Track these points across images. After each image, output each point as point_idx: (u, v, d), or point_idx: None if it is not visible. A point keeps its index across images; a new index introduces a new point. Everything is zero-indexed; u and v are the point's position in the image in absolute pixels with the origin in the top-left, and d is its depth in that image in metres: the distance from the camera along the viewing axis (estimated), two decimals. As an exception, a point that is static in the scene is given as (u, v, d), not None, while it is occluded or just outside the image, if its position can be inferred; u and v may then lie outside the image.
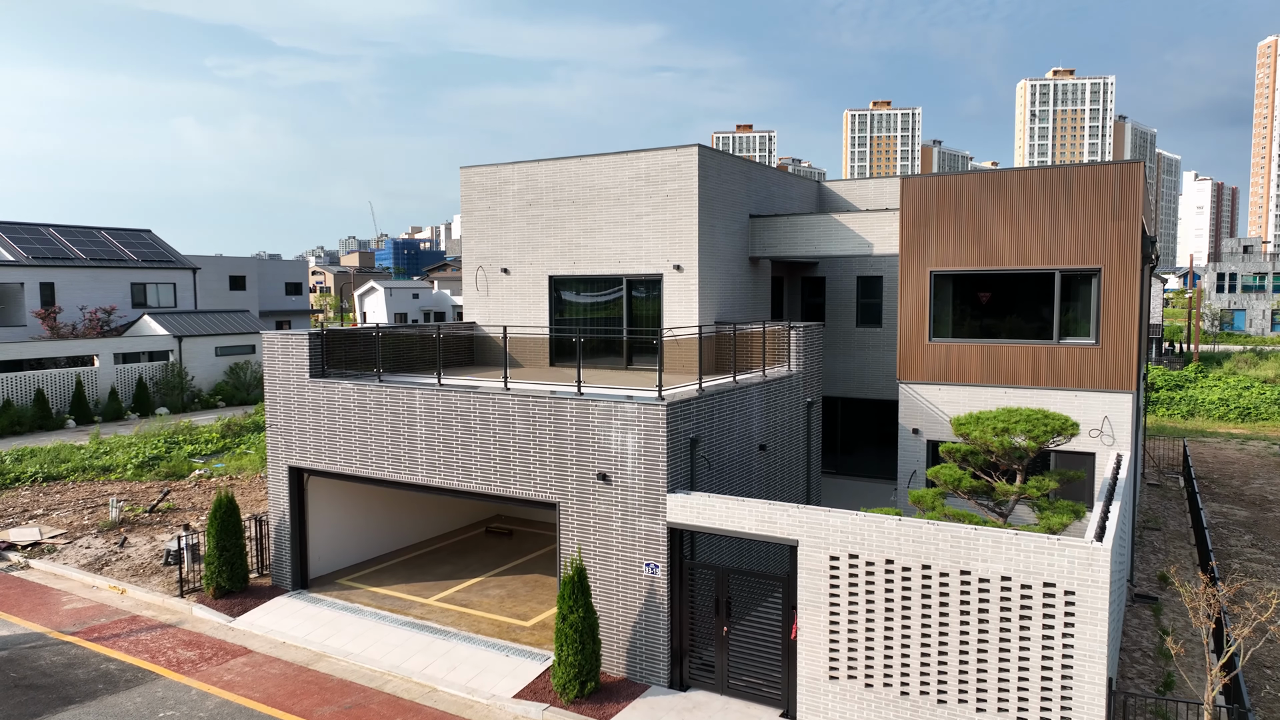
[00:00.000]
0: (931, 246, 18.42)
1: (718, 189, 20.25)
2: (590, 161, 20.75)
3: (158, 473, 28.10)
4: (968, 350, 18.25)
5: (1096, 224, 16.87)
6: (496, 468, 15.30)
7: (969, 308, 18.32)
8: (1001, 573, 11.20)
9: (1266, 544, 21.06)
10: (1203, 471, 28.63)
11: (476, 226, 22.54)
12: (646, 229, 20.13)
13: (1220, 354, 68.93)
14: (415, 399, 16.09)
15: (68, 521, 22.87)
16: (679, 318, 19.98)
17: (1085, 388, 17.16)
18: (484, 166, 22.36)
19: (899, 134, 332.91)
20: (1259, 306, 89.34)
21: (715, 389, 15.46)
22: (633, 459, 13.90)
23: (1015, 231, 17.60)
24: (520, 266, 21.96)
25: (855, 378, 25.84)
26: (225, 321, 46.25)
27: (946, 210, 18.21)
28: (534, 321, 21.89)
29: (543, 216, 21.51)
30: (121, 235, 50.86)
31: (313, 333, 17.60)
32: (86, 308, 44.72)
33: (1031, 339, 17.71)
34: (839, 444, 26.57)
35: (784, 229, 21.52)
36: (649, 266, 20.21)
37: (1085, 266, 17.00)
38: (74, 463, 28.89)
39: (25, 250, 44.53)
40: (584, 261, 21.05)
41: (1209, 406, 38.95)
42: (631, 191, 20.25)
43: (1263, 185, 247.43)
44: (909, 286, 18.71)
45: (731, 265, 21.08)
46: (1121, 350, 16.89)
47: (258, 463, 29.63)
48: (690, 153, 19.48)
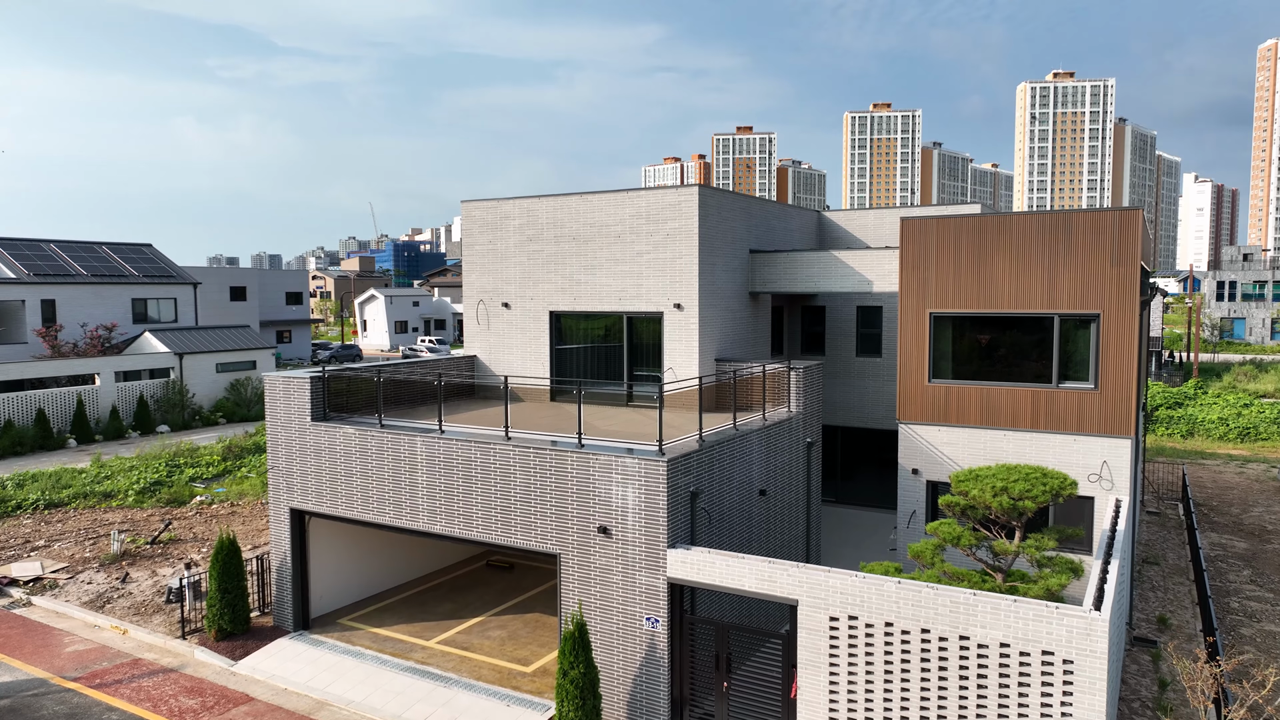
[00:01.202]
0: (931, 288, 18.47)
1: (718, 227, 20.32)
2: (591, 198, 20.81)
3: (159, 499, 28.15)
4: (967, 392, 18.30)
5: (1095, 269, 16.92)
6: (498, 517, 15.36)
7: (969, 349, 18.37)
8: (1000, 639, 11.26)
9: (1265, 579, 21.11)
10: (1202, 498, 28.68)
11: (477, 260, 22.59)
12: (647, 267, 20.18)
13: (1220, 365, 68.96)
14: (416, 446, 16.14)
15: (69, 554, 22.93)
16: (679, 356, 20.05)
17: (1084, 432, 17.21)
18: (485, 201, 22.42)
19: (899, 136, 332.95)
20: (1259, 315, 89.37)
21: (716, 438, 15.52)
22: (633, 513, 13.96)
23: (1014, 275, 17.66)
24: (521, 301, 22.01)
25: (855, 407, 25.91)
26: (226, 338, 46.31)
27: (946, 252, 18.26)
28: (535, 355, 21.95)
29: (543, 252, 21.56)
30: (122, 250, 50.92)
31: (314, 376, 17.66)
32: (88, 325, 44.78)
33: (1031, 382, 17.76)
34: (839, 472, 26.64)
35: (784, 265, 21.58)
36: (649, 304, 20.27)
37: (1084, 311, 17.05)
38: (75, 488, 28.94)
39: (26, 267, 44.60)
40: (585, 297, 21.10)
41: (1208, 426, 39.00)
42: (632, 229, 20.30)
43: (1263, 189, 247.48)
44: (908, 327, 18.76)
45: (732, 301, 21.14)
46: (1120, 395, 16.94)
47: (259, 487, 29.68)
48: (690, 192, 19.53)
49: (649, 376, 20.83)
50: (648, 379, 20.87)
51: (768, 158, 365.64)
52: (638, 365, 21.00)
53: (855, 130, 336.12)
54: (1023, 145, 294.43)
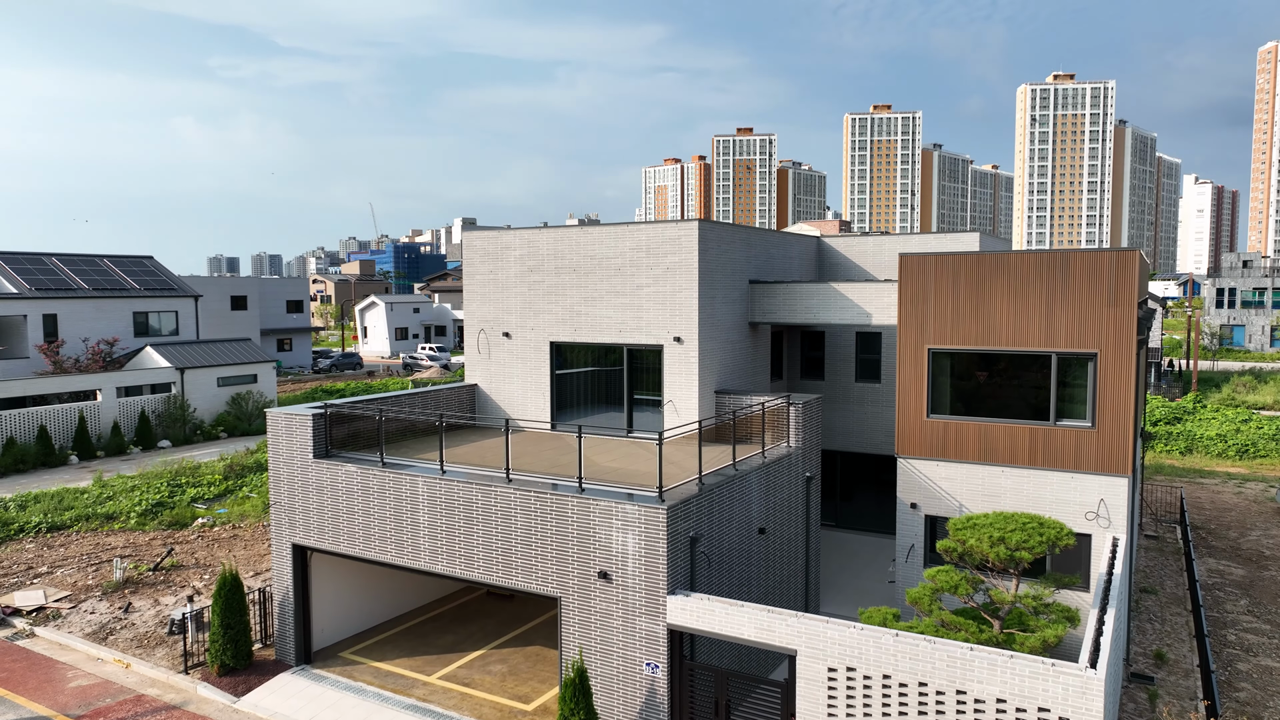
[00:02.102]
0: (929, 324, 18.58)
1: (717, 259, 20.42)
2: (591, 231, 20.91)
3: (161, 521, 28.26)
4: (965, 428, 18.40)
5: (1092, 309, 17.02)
6: (499, 558, 15.47)
7: (967, 385, 18.48)
8: (997, 695, 11.37)
9: (1262, 610, 21.21)
10: (1200, 520, 28.78)
11: (478, 290, 22.69)
12: (647, 300, 20.29)
13: (1219, 374, 69.06)
14: (418, 486, 16.25)
15: (72, 581, 23.04)
16: (679, 388, 20.16)
17: (1082, 470, 17.32)
18: (486, 231, 22.53)
19: (899, 138, 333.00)
20: (1258, 322, 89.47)
21: (716, 479, 15.62)
22: (633, 559, 14.07)
23: (1012, 312, 17.76)
24: (521, 331, 22.12)
25: (855, 432, 26.01)
26: (227, 351, 46.41)
27: (944, 289, 18.37)
28: (535, 386, 22.06)
29: (544, 283, 21.67)
30: (123, 263, 51.03)
31: (316, 413, 17.77)
32: (89, 339, 44.89)
33: (1028, 419, 17.86)
34: (838, 496, 26.75)
35: (783, 296, 21.69)
36: (649, 337, 20.37)
37: (1081, 350, 17.16)
38: (77, 509, 29.05)
39: (28, 281, 44.71)
40: (585, 329, 21.21)
41: (1207, 442, 39.09)
42: (632, 262, 20.41)
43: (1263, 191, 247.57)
44: (907, 362, 18.87)
45: (731, 333, 21.24)
46: (1118, 434, 17.04)
47: (260, 509, 29.79)
48: (690, 227, 19.64)
49: (649, 401, 20.94)
50: (648, 404, 20.99)
51: (768, 159, 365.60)
52: (638, 389, 21.11)
53: (855, 132, 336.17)
54: (1023, 147, 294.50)
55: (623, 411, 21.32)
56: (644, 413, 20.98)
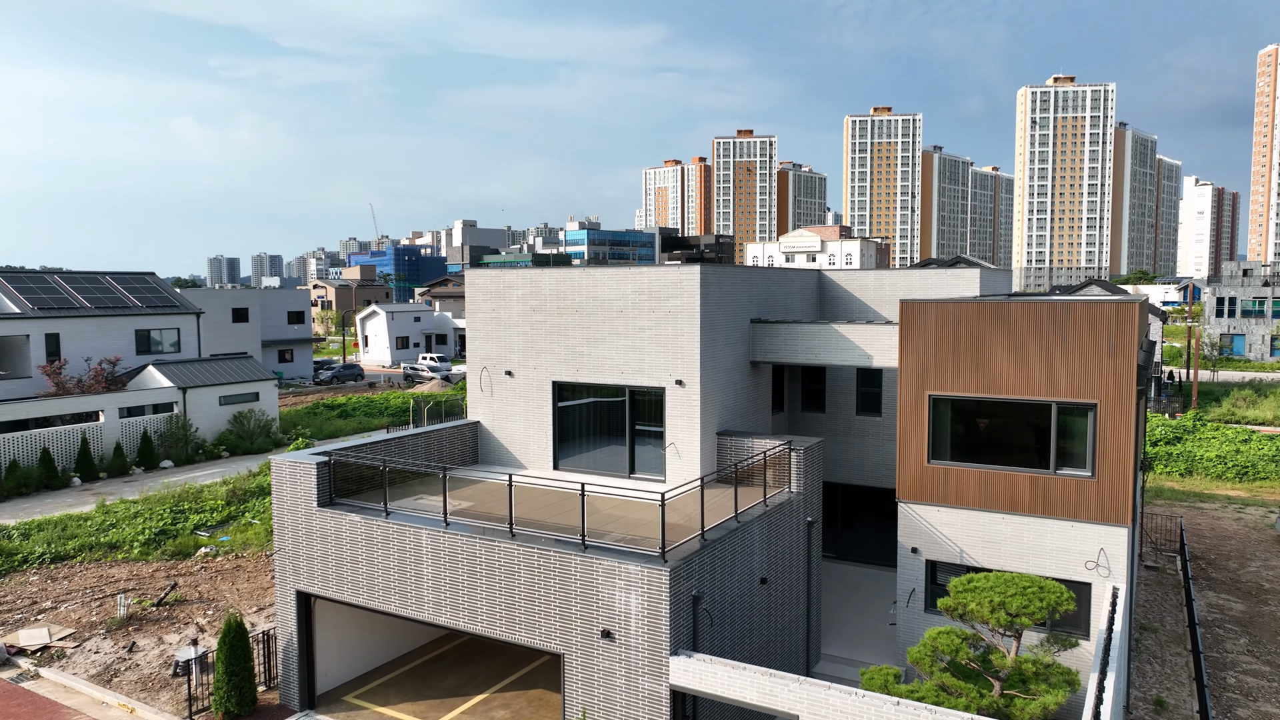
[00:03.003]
0: (930, 371, 18.67)
1: (719, 302, 20.51)
2: (594, 273, 21.00)
3: (164, 551, 28.35)
4: (966, 474, 18.49)
5: (1092, 360, 17.11)
6: (502, 613, 15.56)
7: (968, 432, 18.56)
8: (997, 768, 11.46)
9: (1262, 649, 21.31)
10: (1199, 549, 28.87)
11: (481, 328, 22.78)
12: (649, 343, 20.38)
13: (1219, 386, 69.15)
14: (421, 538, 16.35)
15: (76, 617, 23.14)
16: (681, 430, 20.24)
17: (1082, 519, 17.41)
18: (489, 269, 22.62)
19: (899, 140, 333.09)
20: (1258, 331, 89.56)
21: (718, 533, 15.71)
22: (636, 618, 14.16)
23: (1012, 361, 17.85)
24: (524, 370, 22.21)
25: (855, 465, 26.10)
26: (229, 370, 46.51)
27: (945, 336, 18.45)
28: (538, 425, 22.14)
29: (546, 323, 21.76)
30: (125, 280, 51.13)
31: (320, 461, 17.86)
32: (91, 359, 45.00)
33: (1029, 467, 17.95)
34: (839, 528, 26.83)
35: (784, 336, 21.78)
36: (651, 379, 20.46)
37: (1081, 400, 17.24)
38: (80, 538, 29.16)
39: (30, 301, 44.81)
40: (587, 370, 21.30)
41: (1207, 464, 39.18)
42: (634, 305, 20.50)
43: (1263, 195, 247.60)
44: (908, 408, 18.96)
45: (733, 373, 21.33)
46: (1117, 484, 17.13)
47: (263, 536, 29.89)
48: (692, 271, 19.73)
49: (652, 442, 21.02)
50: (651, 445, 21.07)
51: (768, 161, 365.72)
52: (640, 430, 21.19)
53: (856, 134, 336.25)
54: (1023, 150, 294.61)
55: (624, 448, 21.39)
56: (646, 453, 21.06)
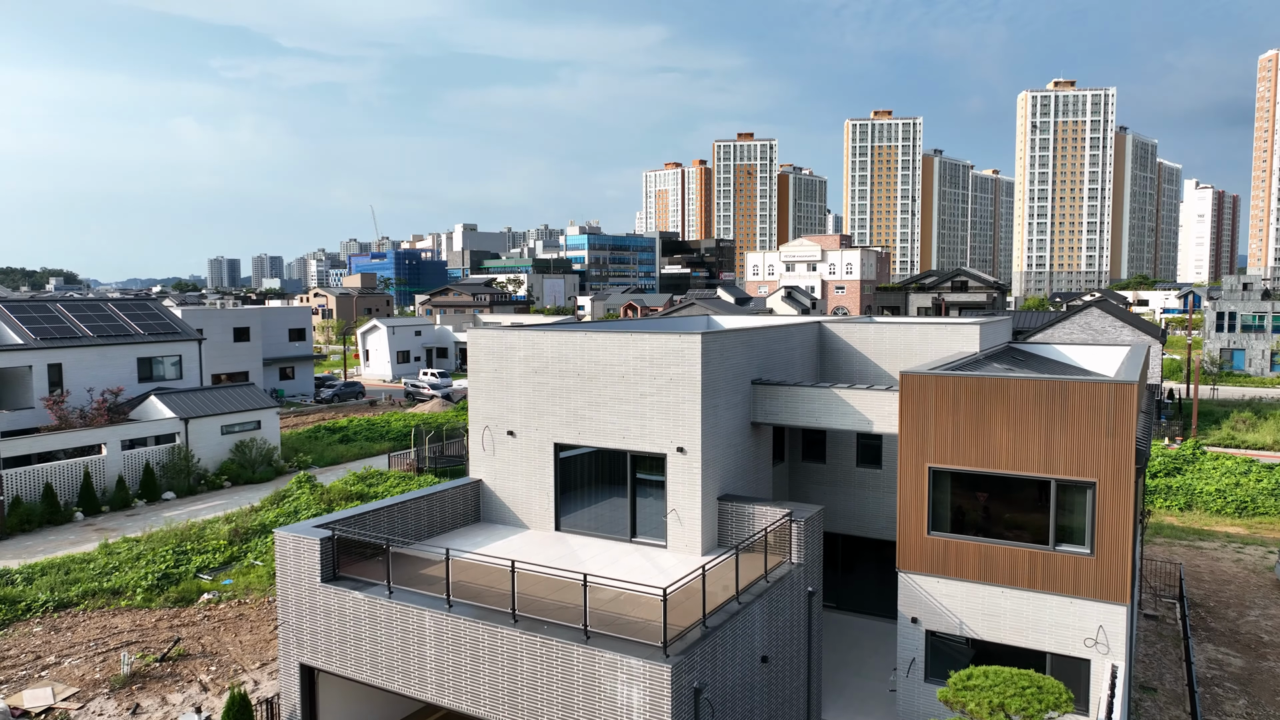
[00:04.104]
0: (930, 443, 18.77)
1: (720, 368, 20.61)
2: (595, 337, 21.10)
3: (167, 598, 28.48)
4: (966, 547, 18.60)
5: (1091, 438, 17.21)
6: (505, 698, 15.67)
7: (968, 505, 18.66)
8: None
9: (1260, 710, 21.41)
10: (1199, 595, 28.98)
11: (483, 387, 22.88)
12: (650, 409, 20.48)
13: (1219, 405, 69.24)
14: (425, 620, 16.45)
15: (80, 674, 23.25)
16: (682, 498, 20.35)
17: (1081, 596, 17.51)
18: (490, 330, 22.72)
19: (900, 143, 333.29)
20: (1258, 346, 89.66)
21: (720, 617, 15.80)
22: (638, 712, 14.26)
23: (1012, 437, 17.94)
24: (526, 431, 22.31)
25: (855, 516, 26.20)
26: (230, 398, 46.61)
27: (945, 410, 18.55)
28: (539, 486, 22.25)
29: (548, 385, 21.86)
30: (127, 306, 51.26)
31: (323, 537, 17.97)
32: (94, 389, 45.12)
33: (1028, 542, 18.05)
34: (839, 577, 26.92)
35: (785, 398, 21.87)
36: (653, 445, 20.56)
37: (1080, 479, 17.34)
38: (83, 583, 29.29)
39: (33, 331, 44.92)
40: (589, 433, 21.40)
41: (1206, 498, 39.28)
42: (636, 371, 20.60)
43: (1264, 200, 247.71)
44: (908, 479, 19.06)
45: (734, 436, 21.44)
46: (1116, 562, 17.23)
47: (265, 579, 30.03)
48: (694, 340, 19.82)
49: (654, 496, 21.10)
50: (652, 508, 21.15)
51: (768, 164, 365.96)
52: (642, 495, 21.28)
53: (856, 138, 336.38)
54: (1024, 154, 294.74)
55: (626, 510, 21.48)
56: (648, 516, 21.15)
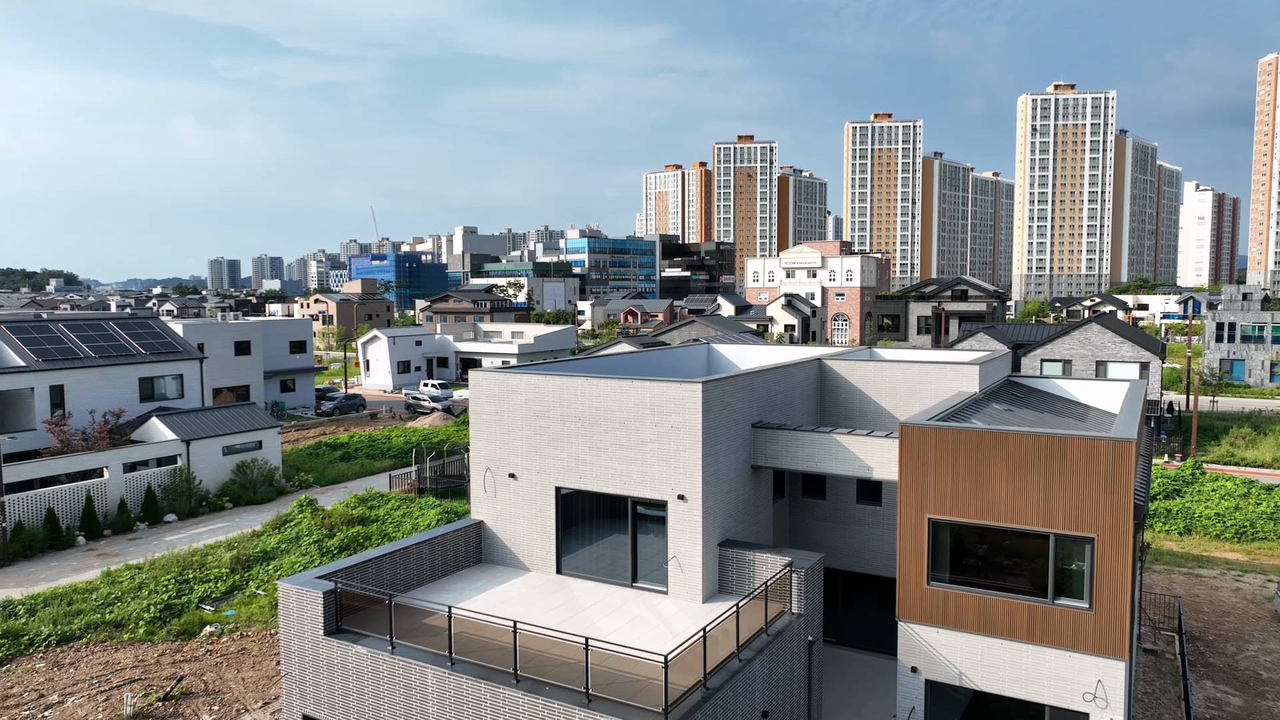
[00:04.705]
0: (930, 494, 18.86)
1: (720, 415, 20.70)
2: (596, 383, 21.20)
3: (170, 631, 28.58)
4: (965, 598, 18.69)
5: (1090, 494, 17.30)
6: (507, 758, 15.76)
7: (967, 556, 18.75)
8: None
9: (1258, 754, 21.51)
10: (1198, 628, 29.07)
11: (484, 429, 22.98)
12: (651, 455, 20.58)
13: (1218, 419, 69.33)
14: (427, 677, 16.55)
15: (83, 715, 23.34)
16: (683, 544, 20.44)
17: (1079, 650, 17.60)
18: (492, 372, 22.82)
19: (900, 146, 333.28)
20: (1258, 357, 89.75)
21: (721, 677, 15.89)
22: (639, 777, 14.36)
23: (1011, 490, 18.04)
24: (527, 474, 22.41)
25: (856, 552, 26.29)
26: (232, 419, 46.70)
27: (945, 462, 18.65)
28: (540, 529, 22.35)
29: (549, 429, 21.96)
30: (128, 325, 51.34)
31: (326, 590, 18.06)
32: (96, 410, 45.22)
33: (1027, 595, 18.14)
34: (840, 612, 27.01)
35: (785, 443, 21.97)
36: (654, 492, 20.65)
37: (1079, 533, 17.43)
38: (86, 614, 29.40)
39: (35, 352, 45.02)
40: (590, 478, 21.49)
41: (1205, 522, 39.38)
42: (637, 417, 20.69)
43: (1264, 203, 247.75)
44: (908, 529, 19.15)
45: (734, 481, 21.53)
46: (1115, 617, 17.32)
47: (267, 610, 30.15)
48: (694, 389, 19.92)
49: (655, 541, 21.20)
50: (653, 542, 21.24)
51: (769, 166, 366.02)
52: (643, 529, 21.37)
53: (856, 140, 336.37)
54: (1024, 157, 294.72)
55: (627, 554, 21.57)
56: (649, 560, 21.24)
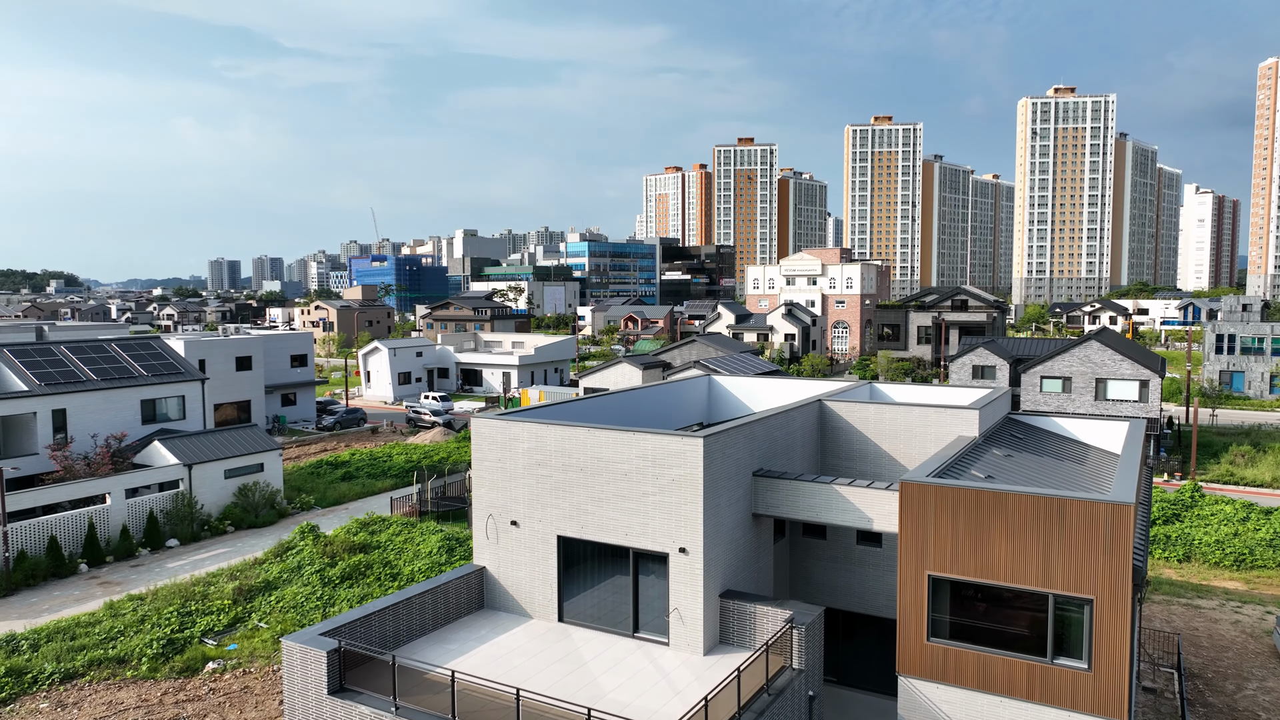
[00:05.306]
0: (930, 551, 18.97)
1: (722, 467, 20.81)
2: (598, 434, 21.30)
3: (173, 667, 28.72)
4: (965, 655, 18.80)
5: (1088, 556, 17.41)
6: (509, 824, 15.88)
7: (967, 614, 18.86)
8: None
9: (1256, 802, 21.62)
10: (1197, 664, 29.18)
11: (486, 476, 23.09)
12: (653, 508, 20.68)
13: (1218, 436, 69.44)
14: (430, 741, 16.66)
15: (88, 759, 23.49)
16: (684, 597, 20.54)
17: (1078, 710, 17.71)
18: (494, 420, 22.92)
19: (900, 149, 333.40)
20: (1258, 369, 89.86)
21: (720, 743, 16.01)
22: None
23: (1010, 550, 18.15)
24: (529, 522, 22.51)
25: (856, 593, 26.39)
26: (234, 442, 46.79)
27: (945, 519, 18.76)
28: (542, 577, 22.46)
29: (551, 478, 22.06)
30: (130, 346, 51.47)
31: (330, 648, 18.17)
32: (98, 435, 45.35)
33: (1027, 653, 18.26)
34: (840, 650, 27.13)
35: (786, 492, 22.08)
36: (655, 544, 20.76)
37: (1078, 595, 17.54)
38: (89, 650, 29.52)
39: (38, 376, 45.13)
40: (591, 528, 21.60)
41: (1205, 549, 39.50)
42: (638, 469, 20.80)
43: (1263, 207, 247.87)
44: (908, 585, 19.27)
45: (735, 531, 21.63)
46: (1113, 678, 17.43)
47: (269, 645, 30.27)
48: (695, 443, 20.02)
49: (656, 591, 21.30)
50: (654, 592, 21.34)
51: (769, 169, 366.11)
52: (644, 579, 21.46)
53: (856, 143, 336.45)
54: (1024, 160, 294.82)
55: (629, 603, 21.66)
56: (650, 610, 21.33)
